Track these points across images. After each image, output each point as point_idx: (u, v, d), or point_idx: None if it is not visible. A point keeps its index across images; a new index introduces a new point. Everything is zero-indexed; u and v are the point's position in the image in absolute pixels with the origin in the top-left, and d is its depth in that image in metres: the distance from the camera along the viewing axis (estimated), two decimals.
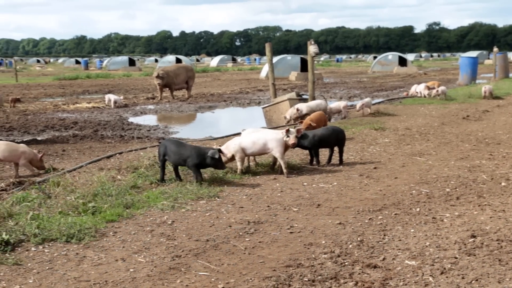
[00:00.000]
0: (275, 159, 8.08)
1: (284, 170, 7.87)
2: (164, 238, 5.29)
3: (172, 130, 14.19)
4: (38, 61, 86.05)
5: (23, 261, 4.71)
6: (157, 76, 22.29)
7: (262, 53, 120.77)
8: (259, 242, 5.18)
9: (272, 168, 8.23)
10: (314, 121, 9.96)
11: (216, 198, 6.75)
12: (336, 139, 8.66)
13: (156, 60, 72.36)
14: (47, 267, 4.58)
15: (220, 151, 7.27)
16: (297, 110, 12.11)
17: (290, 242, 5.17)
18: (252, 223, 5.74)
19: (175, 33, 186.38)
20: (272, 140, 7.81)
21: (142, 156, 8.87)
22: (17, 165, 8.20)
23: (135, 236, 5.38)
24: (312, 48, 13.94)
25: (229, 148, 7.90)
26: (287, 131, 7.86)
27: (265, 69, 35.78)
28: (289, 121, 12.11)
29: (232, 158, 7.96)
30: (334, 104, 14.77)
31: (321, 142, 8.54)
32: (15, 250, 4.93)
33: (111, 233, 5.47)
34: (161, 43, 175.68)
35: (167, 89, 23.21)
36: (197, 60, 70.59)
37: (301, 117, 11.82)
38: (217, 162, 7.23)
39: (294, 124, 11.43)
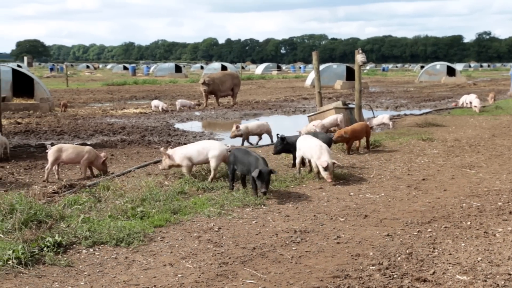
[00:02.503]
0: (318, 168, 8.02)
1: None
2: (211, 245, 5.33)
3: (218, 136, 14.29)
4: (88, 66, 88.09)
5: (75, 263, 4.82)
6: (203, 83, 22.55)
7: (307, 61, 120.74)
8: (306, 251, 5.16)
9: (318, 176, 8.19)
10: (349, 133, 9.98)
11: (262, 206, 6.75)
12: None
13: (202, 67, 73.12)
14: (98, 270, 4.67)
15: (272, 171, 7.14)
16: (236, 128, 12.15)
17: (337, 252, 5.13)
18: (298, 232, 5.72)
19: (221, 41, 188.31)
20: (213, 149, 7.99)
21: None
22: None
23: (182, 241, 5.44)
24: (360, 57, 13.84)
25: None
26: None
27: (310, 77, 35.71)
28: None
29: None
30: (376, 119, 14.55)
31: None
32: (67, 252, 5.04)
33: (159, 238, 5.54)
34: (207, 50, 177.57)
35: (213, 96, 23.45)
36: (242, 68, 70.92)
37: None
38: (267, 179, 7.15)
39: None
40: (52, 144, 8.72)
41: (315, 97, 16.15)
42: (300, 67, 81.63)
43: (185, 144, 12.61)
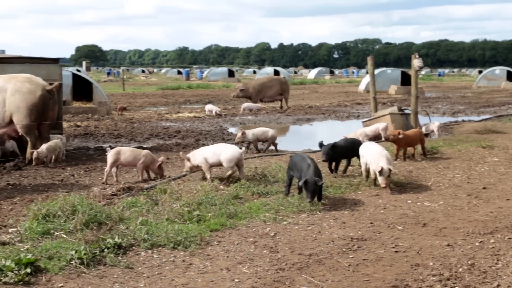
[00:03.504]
0: (375, 174, 7.90)
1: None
2: (267, 250, 5.32)
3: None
4: (143, 71, 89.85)
5: (134, 264, 4.90)
6: (239, 88, 22.87)
7: (360, 65, 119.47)
8: (363, 259, 5.08)
9: (374, 183, 8.06)
10: (401, 137, 9.88)
11: (318, 212, 6.70)
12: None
13: (255, 72, 73.48)
14: (156, 272, 4.74)
15: (317, 181, 7.08)
16: (242, 134, 12.01)
17: (395, 261, 5.03)
18: (355, 239, 5.65)
19: (274, 45, 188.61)
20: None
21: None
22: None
23: (238, 246, 5.45)
24: (417, 62, 13.59)
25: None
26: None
27: (364, 82, 35.33)
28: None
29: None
30: (426, 126, 14.17)
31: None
32: (126, 254, 5.14)
33: (215, 242, 5.57)
34: (260, 55, 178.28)
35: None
36: (295, 72, 70.83)
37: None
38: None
39: None
40: (111, 147, 8.91)
41: (370, 102, 15.96)
42: (353, 72, 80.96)
43: None
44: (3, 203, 7.07)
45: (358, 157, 8.55)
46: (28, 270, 4.44)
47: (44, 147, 9.85)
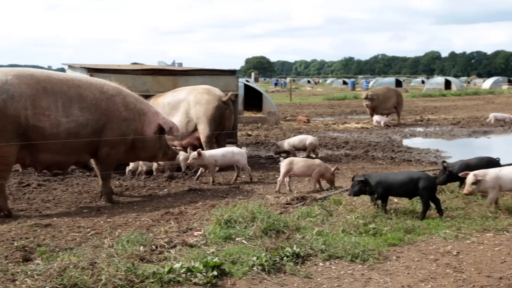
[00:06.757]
0: None
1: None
2: (451, 270, 5.04)
3: (444, 154, 13.65)
4: (309, 81, 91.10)
5: (313, 275, 4.91)
6: (366, 98, 21.43)
7: None
8: None
9: None
10: None
11: (505, 232, 6.21)
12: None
13: (423, 82, 70.89)
14: (336, 284, 4.71)
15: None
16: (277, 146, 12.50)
17: None
18: None
19: (444, 54, 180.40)
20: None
21: None
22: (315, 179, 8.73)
23: (419, 263, 5.23)
24: None
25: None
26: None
27: None
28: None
29: None
30: None
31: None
32: (304, 263, 5.17)
33: (394, 257, 5.40)
34: (428, 64, 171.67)
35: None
36: (468, 82, 67.10)
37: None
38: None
39: None
40: (285, 157, 9.11)
41: None
42: None
43: (408, 161, 12.39)
44: (187, 207, 7.53)
45: None
46: (215, 272, 4.65)
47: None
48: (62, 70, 14.61)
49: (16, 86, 7.13)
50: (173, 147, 9.39)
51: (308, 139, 12.39)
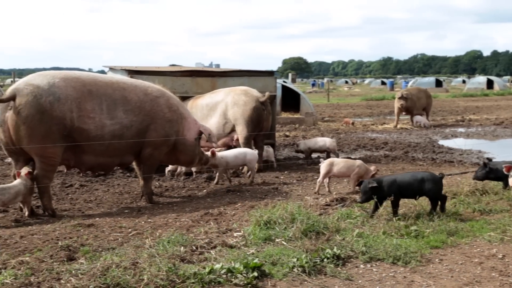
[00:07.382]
0: None
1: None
2: (496, 273, 4.92)
3: (487, 155, 13.34)
4: (346, 82, 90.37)
5: (354, 277, 4.86)
6: (401, 97, 20.47)
7: None
8: None
9: None
10: None
11: None
12: None
13: (464, 81, 69.57)
14: (378, 287, 4.65)
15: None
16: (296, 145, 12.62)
17: None
18: None
19: (486, 53, 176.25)
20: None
21: (460, 181, 8.51)
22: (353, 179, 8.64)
23: (463, 266, 5.13)
24: None
25: None
26: None
27: None
28: None
29: None
30: None
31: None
32: (345, 265, 5.13)
33: (436, 260, 5.31)
34: (470, 63, 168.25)
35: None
36: (511, 81, 65.50)
37: None
38: None
39: None
40: (323, 158, 9.05)
41: None
42: None
43: (450, 162, 12.16)
44: (227, 208, 7.56)
45: None
46: (255, 274, 4.65)
47: None
48: (103, 72, 14.85)
49: (62, 89, 7.29)
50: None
51: (326, 141, 12.34)
